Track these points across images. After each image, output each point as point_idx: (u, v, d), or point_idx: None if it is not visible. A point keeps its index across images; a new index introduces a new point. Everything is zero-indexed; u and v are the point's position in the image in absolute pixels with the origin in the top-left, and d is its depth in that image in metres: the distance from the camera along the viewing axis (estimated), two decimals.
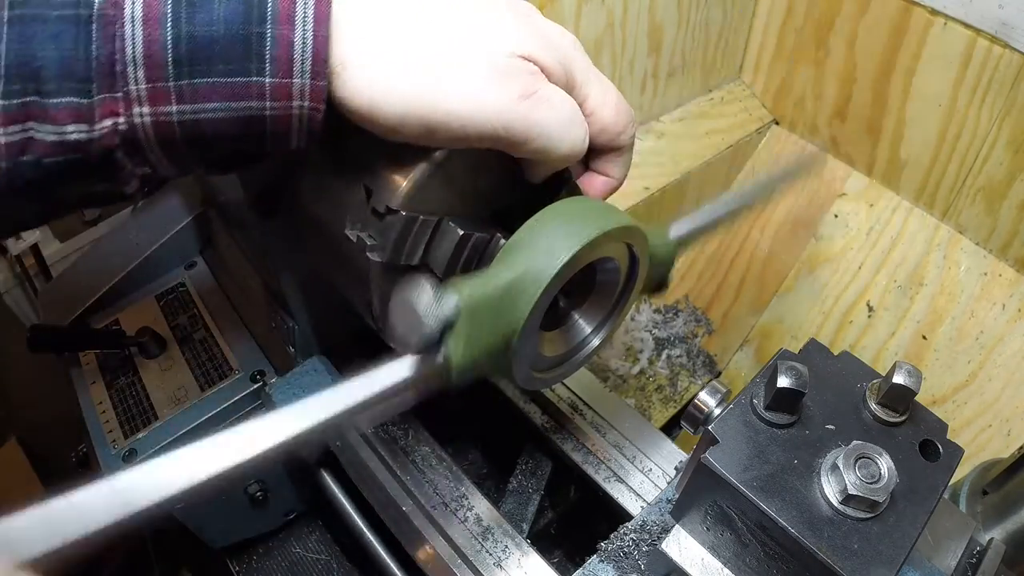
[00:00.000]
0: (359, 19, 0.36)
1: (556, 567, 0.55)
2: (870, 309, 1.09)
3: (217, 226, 0.84)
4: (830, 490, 0.39)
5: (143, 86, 0.33)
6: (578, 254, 0.40)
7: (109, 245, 0.87)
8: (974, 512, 0.66)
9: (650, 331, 1.26)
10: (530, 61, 0.38)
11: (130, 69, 0.32)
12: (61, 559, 0.27)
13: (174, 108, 0.34)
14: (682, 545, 0.45)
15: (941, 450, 0.42)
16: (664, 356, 1.23)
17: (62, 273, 0.92)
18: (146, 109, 0.33)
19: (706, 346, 1.25)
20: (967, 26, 0.89)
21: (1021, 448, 0.64)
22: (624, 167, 0.48)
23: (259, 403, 0.73)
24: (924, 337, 1.04)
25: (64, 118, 0.32)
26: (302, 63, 0.34)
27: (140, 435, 0.69)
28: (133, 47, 0.32)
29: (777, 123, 1.24)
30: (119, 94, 0.33)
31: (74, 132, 0.32)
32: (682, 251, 0.52)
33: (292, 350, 0.72)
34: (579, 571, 0.53)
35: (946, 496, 0.48)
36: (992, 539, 0.49)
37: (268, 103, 0.35)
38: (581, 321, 0.50)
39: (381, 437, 0.65)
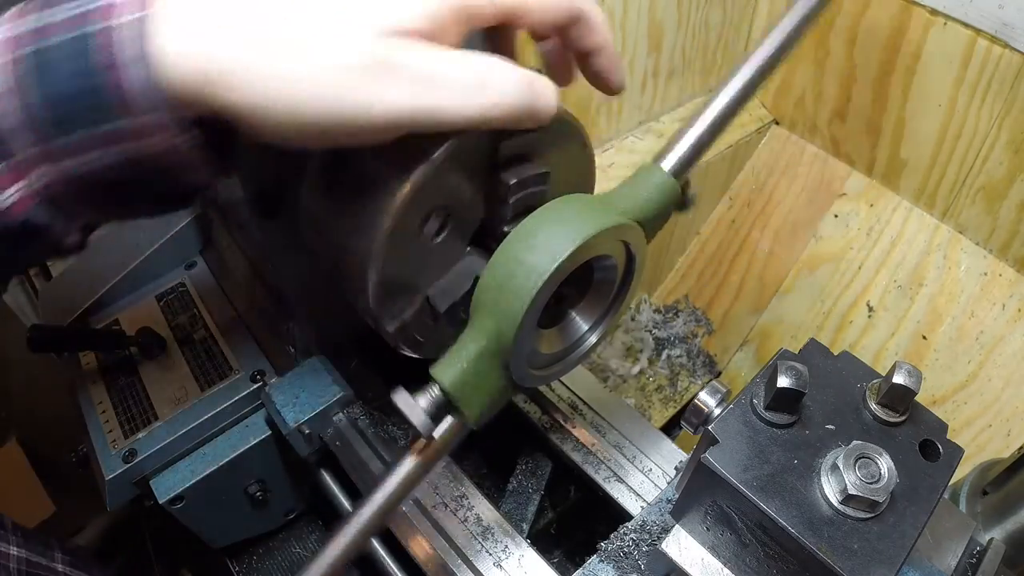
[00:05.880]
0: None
1: (556, 567, 0.55)
2: (870, 309, 1.09)
3: (217, 226, 0.84)
4: (830, 490, 0.39)
5: (31, 150, 0.33)
6: (536, 298, 0.39)
7: (109, 245, 0.87)
8: (974, 512, 0.66)
9: (650, 331, 1.26)
10: (413, 33, 0.34)
11: (12, 136, 0.32)
12: None
13: (67, 163, 0.33)
14: (682, 545, 0.45)
15: (941, 450, 0.42)
16: (664, 356, 1.23)
17: (62, 273, 0.92)
18: (43, 169, 0.33)
19: (706, 346, 1.26)
20: (967, 26, 0.89)
21: (1021, 448, 0.64)
22: (599, 34, 0.43)
23: (259, 403, 0.73)
24: (924, 337, 1.04)
25: None
26: (146, 97, 0.32)
27: (140, 435, 0.69)
28: (8, 116, 0.32)
29: (777, 123, 1.24)
30: (11, 160, 0.33)
31: None
32: (687, 175, 0.49)
33: (292, 350, 0.72)
34: (579, 571, 0.53)
35: (946, 496, 0.48)
36: (992, 539, 0.49)
37: (142, 142, 0.33)
38: (578, 319, 0.50)
39: (381, 437, 0.65)
